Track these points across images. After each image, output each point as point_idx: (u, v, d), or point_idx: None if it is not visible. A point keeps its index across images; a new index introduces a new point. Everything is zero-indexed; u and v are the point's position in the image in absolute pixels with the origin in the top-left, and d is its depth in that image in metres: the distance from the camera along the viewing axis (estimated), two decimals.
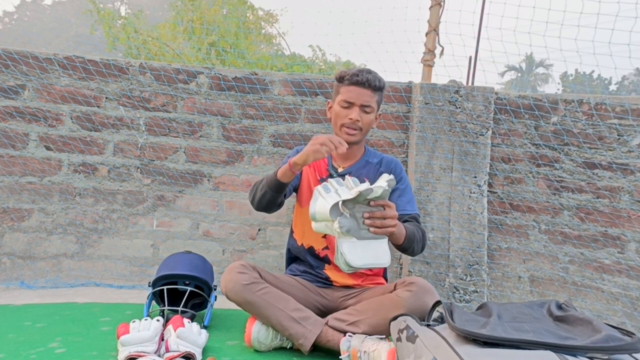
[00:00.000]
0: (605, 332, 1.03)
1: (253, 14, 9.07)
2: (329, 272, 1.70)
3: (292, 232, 1.79)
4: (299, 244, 1.74)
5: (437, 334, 1.15)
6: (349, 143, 1.64)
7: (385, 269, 1.77)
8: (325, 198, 1.32)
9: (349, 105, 1.61)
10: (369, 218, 1.32)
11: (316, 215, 1.34)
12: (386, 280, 1.78)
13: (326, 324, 1.50)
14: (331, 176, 1.69)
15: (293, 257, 1.80)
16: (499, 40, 2.27)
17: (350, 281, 1.69)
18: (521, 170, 2.28)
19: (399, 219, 1.63)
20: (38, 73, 2.27)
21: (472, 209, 2.20)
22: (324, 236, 1.69)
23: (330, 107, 1.71)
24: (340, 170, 1.71)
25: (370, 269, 1.63)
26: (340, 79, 1.64)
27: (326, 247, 1.69)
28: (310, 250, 1.71)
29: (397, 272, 2.35)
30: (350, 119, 1.60)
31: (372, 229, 1.32)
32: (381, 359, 1.31)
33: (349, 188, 1.34)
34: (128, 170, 2.33)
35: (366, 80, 1.59)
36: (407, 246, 1.51)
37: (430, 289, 1.46)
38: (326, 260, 1.70)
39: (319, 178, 1.70)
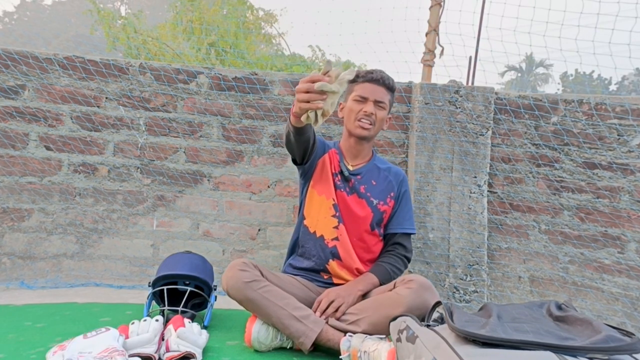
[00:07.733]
0: (605, 332, 1.03)
1: (253, 14, 9.08)
2: (330, 267, 1.70)
3: (302, 218, 1.78)
4: (312, 231, 1.73)
5: (436, 334, 1.14)
6: (362, 137, 1.70)
7: None
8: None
9: (364, 100, 1.67)
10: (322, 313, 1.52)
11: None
12: None
13: (326, 323, 1.50)
14: (342, 173, 1.73)
15: (296, 248, 1.79)
16: (499, 40, 2.27)
17: (350, 278, 1.69)
18: (521, 170, 2.28)
19: (390, 236, 1.78)
20: (38, 73, 2.27)
21: (472, 209, 2.20)
22: (336, 226, 1.70)
23: (342, 108, 1.75)
24: (350, 168, 1.76)
25: None
26: (354, 79, 1.69)
27: (336, 238, 1.70)
28: (320, 240, 1.71)
29: None
30: (365, 111, 1.66)
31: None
32: (381, 359, 1.31)
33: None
34: (128, 170, 2.33)
35: (380, 78, 1.68)
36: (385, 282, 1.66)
37: (430, 286, 1.47)
38: (332, 254, 1.70)
39: (332, 172, 1.74)
